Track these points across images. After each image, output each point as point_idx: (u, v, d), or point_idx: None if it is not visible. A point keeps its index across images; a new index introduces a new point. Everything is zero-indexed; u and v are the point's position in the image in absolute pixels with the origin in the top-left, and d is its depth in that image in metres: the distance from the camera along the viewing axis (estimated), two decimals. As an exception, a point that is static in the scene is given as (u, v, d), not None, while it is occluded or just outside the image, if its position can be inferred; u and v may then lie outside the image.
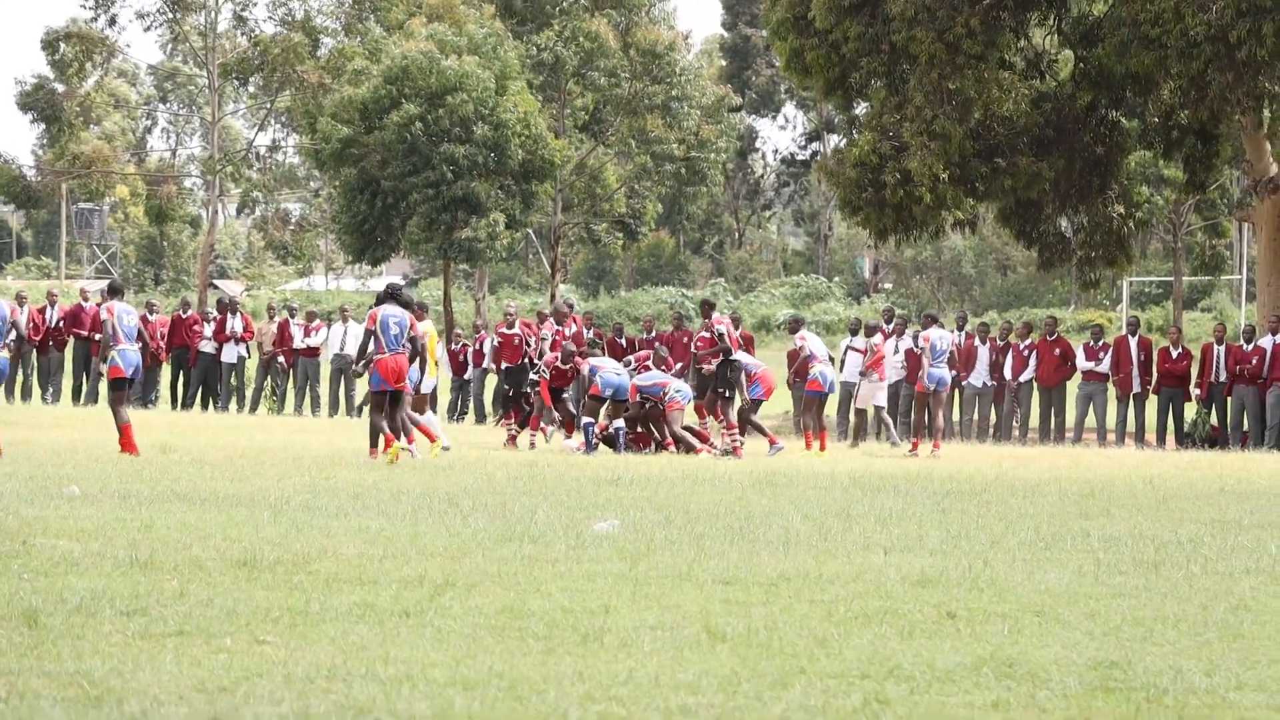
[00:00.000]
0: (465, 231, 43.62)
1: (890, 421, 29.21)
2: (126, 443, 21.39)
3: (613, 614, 9.75)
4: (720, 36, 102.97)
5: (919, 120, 32.02)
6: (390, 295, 21.78)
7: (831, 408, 32.30)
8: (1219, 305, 74.66)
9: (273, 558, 11.66)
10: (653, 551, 12.45)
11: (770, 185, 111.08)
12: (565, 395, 26.43)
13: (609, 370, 25.24)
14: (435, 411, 35.70)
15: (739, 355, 25.83)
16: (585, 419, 25.26)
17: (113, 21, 53.84)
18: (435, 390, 23.89)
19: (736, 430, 25.02)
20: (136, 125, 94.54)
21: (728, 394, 25.16)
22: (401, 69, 43.37)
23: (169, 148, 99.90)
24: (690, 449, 24.86)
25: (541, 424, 26.59)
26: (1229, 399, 30.23)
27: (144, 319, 34.61)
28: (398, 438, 21.89)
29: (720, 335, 25.21)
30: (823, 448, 25.93)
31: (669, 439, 25.33)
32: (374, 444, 21.60)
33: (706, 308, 26.37)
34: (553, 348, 26.77)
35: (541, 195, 45.93)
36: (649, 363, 26.04)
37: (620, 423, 25.21)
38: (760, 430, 25.94)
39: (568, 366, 25.93)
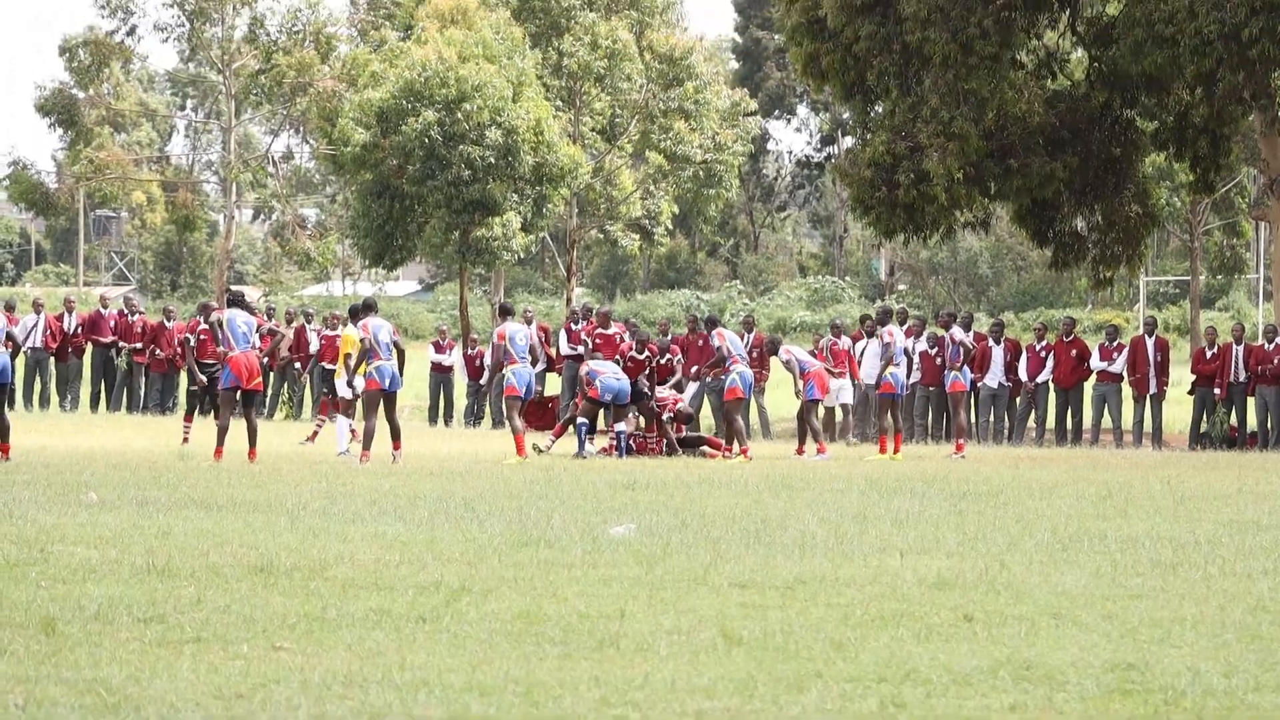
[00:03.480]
0: (480, 230, 43.64)
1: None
2: None
3: (629, 618, 9.75)
4: (732, 40, 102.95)
5: (935, 121, 31.97)
6: (234, 302, 23.29)
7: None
8: (1237, 304, 74.47)
9: (289, 564, 11.68)
10: (669, 556, 12.45)
11: (785, 187, 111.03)
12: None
13: (609, 375, 25.22)
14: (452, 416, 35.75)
15: (795, 351, 26.09)
16: (580, 420, 25.28)
17: (131, 31, 53.89)
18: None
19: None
20: (155, 133, 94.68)
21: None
22: (421, 79, 43.38)
23: (186, 154, 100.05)
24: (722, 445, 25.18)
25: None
26: (1250, 399, 30.18)
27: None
28: (254, 439, 22.39)
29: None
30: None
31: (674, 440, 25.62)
32: (220, 443, 22.22)
33: (709, 323, 26.60)
34: (594, 349, 27.20)
35: (555, 199, 45.92)
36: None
37: (623, 426, 25.22)
38: (815, 434, 25.71)
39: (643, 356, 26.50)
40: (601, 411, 26.32)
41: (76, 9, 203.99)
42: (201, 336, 28.04)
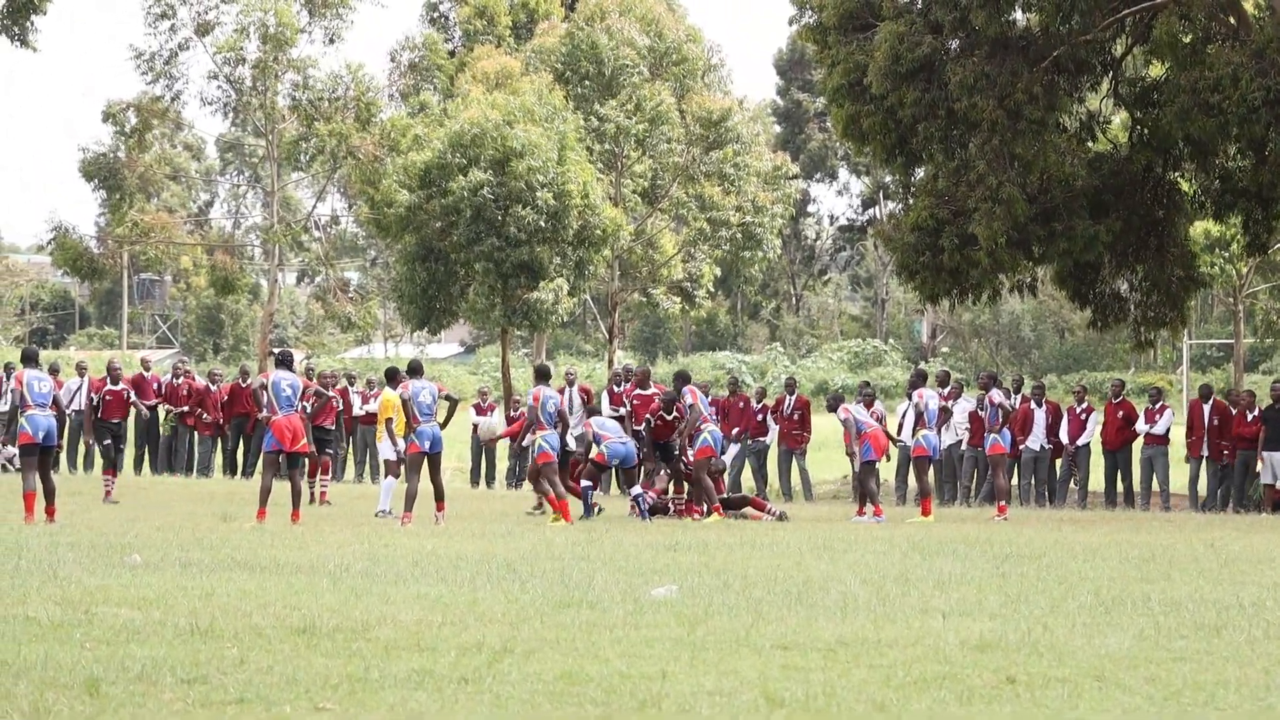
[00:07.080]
0: (533, 294, 43.67)
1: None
2: (27, 510, 21.49)
3: (670, 680, 9.74)
4: (773, 102, 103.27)
5: (983, 186, 31.91)
6: (281, 362, 23.06)
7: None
8: (1280, 368, 74.23)
9: (332, 625, 11.69)
10: (710, 617, 12.44)
11: (826, 250, 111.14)
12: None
13: (614, 439, 25.08)
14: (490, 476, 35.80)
15: (854, 411, 25.62)
16: (585, 484, 25.20)
17: (176, 98, 54.12)
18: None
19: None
20: (198, 196, 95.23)
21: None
22: (471, 136, 43.48)
23: (230, 216, 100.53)
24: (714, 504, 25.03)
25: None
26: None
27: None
28: (297, 501, 22.49)
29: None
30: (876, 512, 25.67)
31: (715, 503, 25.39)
32: (263, 504, 22.19)
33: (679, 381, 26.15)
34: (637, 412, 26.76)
35: (597, 262, 45.98)
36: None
37: (638, 489, 25.07)
38: (870, 496, 25.49)
39: (671, 417, 26.02)
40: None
41: (120, 76, 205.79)
42: (107, 398, 29.18)
